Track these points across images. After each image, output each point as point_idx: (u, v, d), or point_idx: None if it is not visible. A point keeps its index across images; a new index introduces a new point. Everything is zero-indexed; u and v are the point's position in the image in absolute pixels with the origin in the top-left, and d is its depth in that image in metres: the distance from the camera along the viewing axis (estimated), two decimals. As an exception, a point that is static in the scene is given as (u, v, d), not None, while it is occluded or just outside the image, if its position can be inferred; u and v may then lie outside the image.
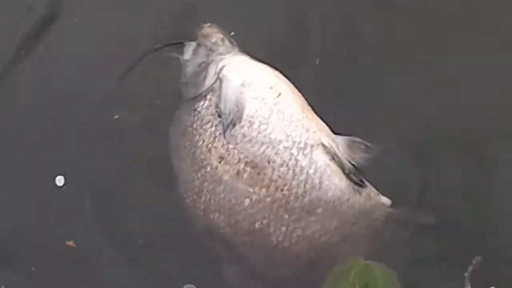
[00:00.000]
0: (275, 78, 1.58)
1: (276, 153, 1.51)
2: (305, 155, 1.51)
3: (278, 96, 1.55)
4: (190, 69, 1.67)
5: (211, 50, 1.67)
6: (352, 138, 1.56)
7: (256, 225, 1.52)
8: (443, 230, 1.61)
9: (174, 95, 1.66)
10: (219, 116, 1.55)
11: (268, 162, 1.51)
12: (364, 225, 1.54)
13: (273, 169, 1.51)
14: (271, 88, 1.56)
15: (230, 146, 1.53)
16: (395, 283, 1.50)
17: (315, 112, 1.58)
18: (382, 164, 1.58)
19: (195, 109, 1.60)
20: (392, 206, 1.56)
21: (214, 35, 1.69)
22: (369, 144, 1.55)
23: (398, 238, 1.58)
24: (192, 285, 1.61)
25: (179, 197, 1.60)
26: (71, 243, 1.67)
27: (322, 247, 1.53)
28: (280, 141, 1.52)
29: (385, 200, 1.55)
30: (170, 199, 1.63)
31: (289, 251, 1.53)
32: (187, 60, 1.68)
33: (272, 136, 1.52)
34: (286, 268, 1.55)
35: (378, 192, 1.55)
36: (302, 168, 1.51)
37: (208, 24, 1.71)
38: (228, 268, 1.57)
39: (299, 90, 1.60)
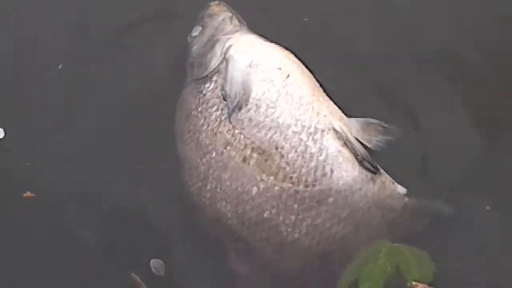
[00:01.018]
0: (285, 59, 1.49)
1: (285, 139, 1.42)
2: (315, 141, 1.42)
3: (287, 78, 1.46)
4: (196, 48, 1.58)
5: (218, 29, 1.58)
6: (367, 119, 1.47)
7: (265, 215, 1.44)
8: (462, 222, 1.50)
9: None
10: (224, 99, 1.47)
11: (276, 148, 1.43)
12: (379, 215, 1.45)
13: (281, 155, 1.42)
14: (280, 69, 1.47)
15: (236, 131, 1.45)
16: (428, 263, 1.41)
17: (327, 95, 1.49)
18: (400, 148, 1.48)
19: (200, 91, 1.51)
20: (408, 195, 1.46)
21: (222, 13, 1.60)
22: (386, 125, 1.46)
23: (416, 229, 1.48)
24: (159, 260, 1.52)
25: (184, 183, 1.51)
26: (28, 193, 1.58)
27: (334, 238, 1.44)
28: (289, 126, 1.43)
29: (401, 189, 1.46)
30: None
31: (299, 242, 1.44)
32: (194, 39, 1.59)
33: (280, 121, 1.43)
34: (297, 261, 1.46)
35: (394, 181, 1.45)
36: (312, 155, 1.42)
37: (216, 2, 1.62)
38: (236, 261, 1.49)
39: (311, 71, 1.51)
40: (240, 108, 1.45)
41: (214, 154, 1.46)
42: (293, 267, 1.47)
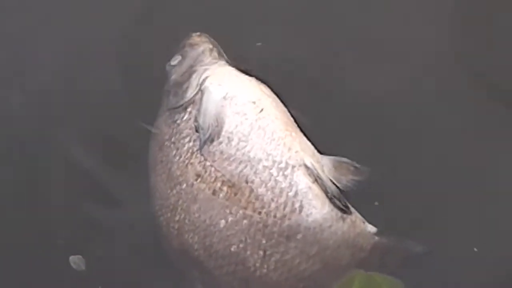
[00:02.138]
0: (259, 92, 1.48)
1: (255, 173, 1.41)
2: (285, 176, 1.41)
3: (260, 112, 1.45)
4: (173, 77, 1.58)
5: (197, 60, 1.58)
6: (339, 158, 1.45)
7: (232, 249, 1.42)
8: (435, 261, 1.49)
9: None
10: (197, 130, 1.46)
11: (246, 182, 1.42)
12: (348, 253, 1.44)
13: (251, 189, 1.41)
14: (254, 102, 1.46)
15: (207, 163, 1.44)
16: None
17: (301, 130, 1.48)
18: (372, 188, 1.47)
19: (174, 121, 1.51)
20: (379, 234, 1.45)
21: (202, 44, 1.60)
22: (358, 166, 1.44)
23: (386, 268, 1.46)
24: (79, 256, 1.51)
25: (153, 214, 1.50)
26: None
27: (302, 275, 1.43)
28: (260, 160, 1.42)
29: (371, 229, 1.44)
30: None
31: (267, 278, 1.43)
32: (172, 67, 1.59)
33: (251, 155, 1.42)
34: None
35: (364, 220, 1.44)
36: (282, 190, 1.41)
37: (198, 33, 1.62)
38: (202, 295, 1.48)
39: (286, 106, 1.50)
40: (212, 141, 1.44)
41: (184, 185, 1.45)
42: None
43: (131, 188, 1.61)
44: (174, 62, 1.60)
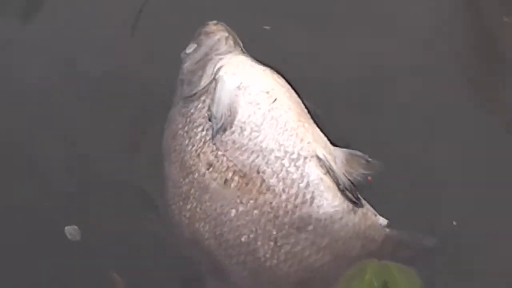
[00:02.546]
0: (273, 82, 1.48)
1: (267, 163, 1.41)
2: (297, 167, 1.41)
3: (273, 102, 1.45)
4: (188, 65, 1.58)
5: (213, 48, 1.57)
6: (352, 151, 1.44)
7: (242, 239, 1.42)
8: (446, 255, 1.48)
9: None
10: (210, 119, 1.46)
11: (258, 172, 1.41)
12: (359, 245, 1.43)
13: (263, 180, 1.41)
14: (267, 92, 1.46)
15: (219, 152, 1.44)
16: (416, 279, 1.40)
17: (315, 121, 1.47)
18: (384, 181, 1.46)
19: (188, 110, 1.51)
20: (390, 227, 1.44)
21: (218, 32, 1.60)
22: (370, 159, 1.44)
23: (397, 261, 1.45)
24: (75, 226, 1.52)
25: (166, 202, 1.51)
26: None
27: (312, 267, 1.42)
28: (272, 151, 1.41)
29: (383, 221, 1.43)
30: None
31: (277, 269, 1.42)
32: (187, 55, 1.59)
33: (264, 145, 1.42)
34: None
35: (376, 212, 1.43)
36: (293, 181, 1.40)
37: (214, 21, 1.62)
38: (211, 283, 1.48)
39: (300, 97, 1.49)
40: (224, 130, 1.44)
41: (196, 174, 1.45)
42: (270, 293, 1.46)
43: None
44: (189, 50, 1.60)
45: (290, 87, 1.49)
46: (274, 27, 1.74)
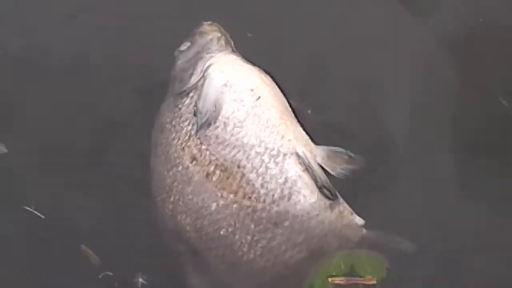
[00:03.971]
0: (259, 81, 1.51)
1: (247, 158, 1.44)
2: (276, 163, 1.44)
3: (257, 100, 1.48)
4: (180, 63, 1.62)
5: (205, 47, 1.61)
6: (334, 148, 1.47)
7: (221, 232, 1.45)
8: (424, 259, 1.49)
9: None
10: (195, 114, 1.49)
11: (238, 166, 1.45)
12: (335, 244, 1.45)
13: (243, 174, 1.44)
14: (252, 90, 1.49)
15: (203, 146, 1.47)
16: (382, 261, 1.43)
17: (299, 121, 1.50)
18: (366, 179, 1.49)
19: (176, 106, 1.55)
20: (367, 227, 1.46)
21: (211, 33, 1.64)
22: (352, 155, 1.46)
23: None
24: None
25: (151, 195, 1.54)
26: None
27: (288, 262, 1.45)
28: (253, 146, 1.45)
29: (359, 220, 1.46)
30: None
31: (254, 263, 1.45)
32: (181, 53, 1.63)
33: (245, 140, 1.45)
34: (251, 282, 1.47)
35: (352, 211, 1.45)
36: (272, 177, 1.43)
37: (209, 22, 1.66)
38: (191, 274, 1.51)
39: (286, 97, 1.53)
40: (209, 125, 1.48)
41: (180, 167, 1.49)
42: (247, 287, 1.48)
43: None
44: (182, 48, 1.64)
45: (276, 87, 1.53)
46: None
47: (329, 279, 1.39)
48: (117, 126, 1.68)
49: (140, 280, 1.55)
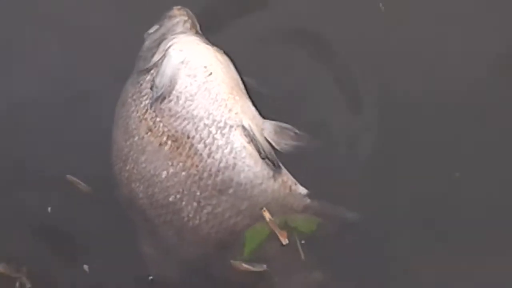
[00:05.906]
0: (213, 59, 1.60)
1: (196, 130, 1.53)
2: (222, 135, 1.52)
3: (209, 75, 1.57)
4: (147, 44, 1.71)
5: (170, 30, 1.70)
6: (280, 123, 1.55)
7: (170, 199, 1.54)
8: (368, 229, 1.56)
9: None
10: (151, 89, 1.59)
11: (188, 137, 1.53)
12: (279, 212, 1.52)
13: (191, 144, 1.52)
14: (205, 67, 1.58)
15: (158, 119, 1.56)
16: (315, 219, 1.51)
17: (250, 97, 1.59)
18: (315, 154, 1.57)
19: (138, 82, 1.64)
20: (311, 197, 1.53)
21: (179, 17, 1.73)
22: (297, 132, 1.54)
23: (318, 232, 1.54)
24: None
25: (110, 163, 1.64)
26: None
27: (232, 229, 1.52)
28: (202, 118, 1.53)
29: (302, 190, 1.53)
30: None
31: (199, 229, 1.53)
32: (148, 35, 1.72)
33: (195, 113, 1.54)
34: (196, 247, 1.55)
35: (296, 181, 1.53)
36: (218, 147, 1.52)
37: (179, 7, 1.75)
38: (144, 243, 1.59)
39: (240, 74, 1.61)
40: (164, 99, 1.57)
41: (136, 138, 1.58)
42: (193, 252, 1.56)
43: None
44: (151, 30, 1.73)
45: (230, 65, 1.61)
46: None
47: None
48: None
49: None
